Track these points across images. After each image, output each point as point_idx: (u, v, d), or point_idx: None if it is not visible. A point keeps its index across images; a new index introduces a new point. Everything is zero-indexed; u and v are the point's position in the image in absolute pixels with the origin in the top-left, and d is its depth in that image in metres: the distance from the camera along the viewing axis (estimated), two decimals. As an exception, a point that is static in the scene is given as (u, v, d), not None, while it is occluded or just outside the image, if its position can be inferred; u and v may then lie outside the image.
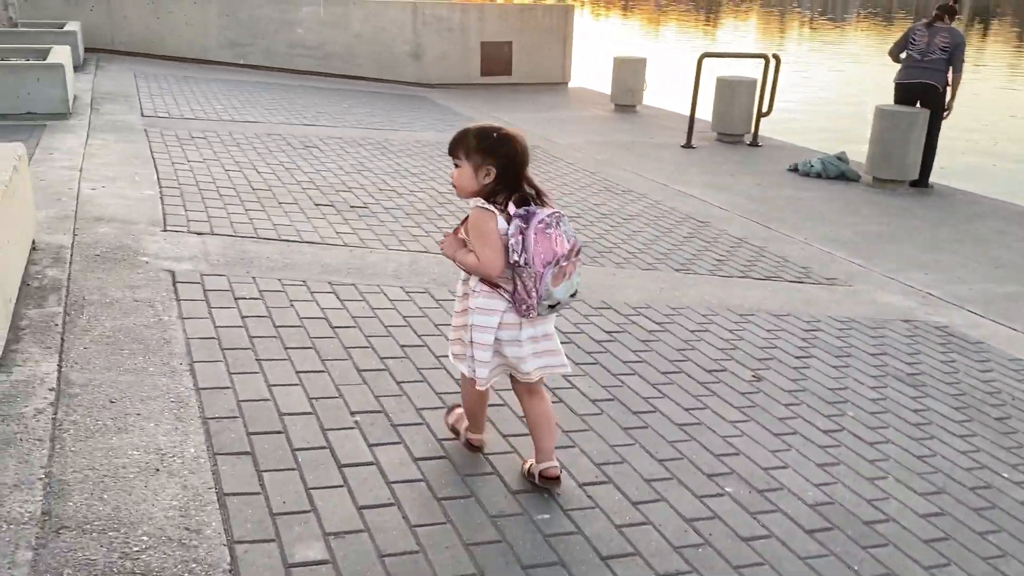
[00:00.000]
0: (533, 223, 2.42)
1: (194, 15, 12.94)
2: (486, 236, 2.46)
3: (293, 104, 10.35)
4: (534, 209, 2.47)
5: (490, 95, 13.67)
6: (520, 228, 2.42)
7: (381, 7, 14.05)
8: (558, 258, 2.44)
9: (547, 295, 2.46)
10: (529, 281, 2.44)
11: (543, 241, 2.42)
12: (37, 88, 7.26)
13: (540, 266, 2.42)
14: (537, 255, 2.41)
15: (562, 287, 2.48)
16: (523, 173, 2.52)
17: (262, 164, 6.83)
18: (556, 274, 2.45)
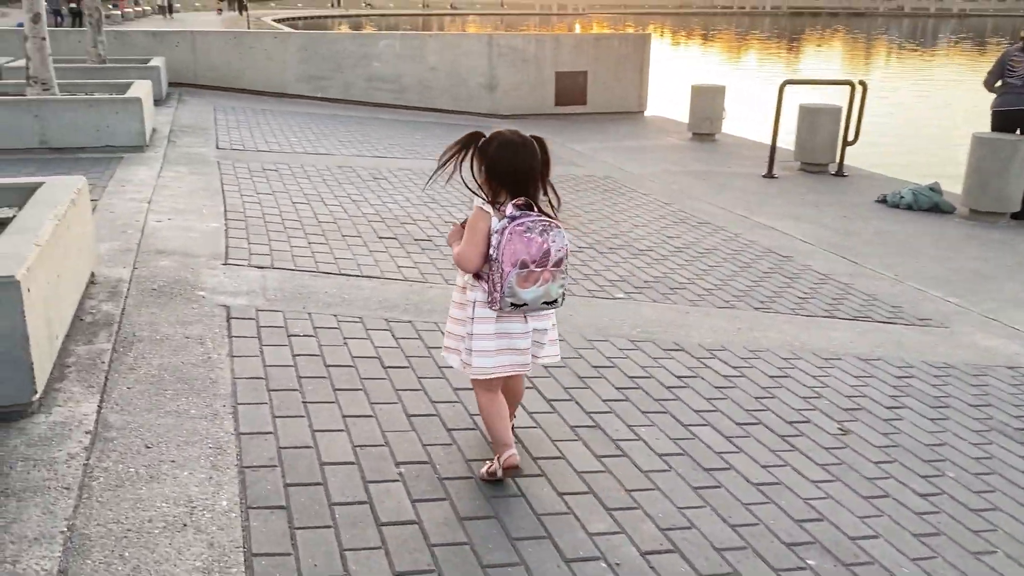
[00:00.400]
0: (512, 224, 2.56)
1: (274, 50, 13.20)
2: (472, 233, 2.64)
3: (367, 136, 10.38)
4: (525, 213, 2.59)
5: (564, 125, 13.52)
6: (503, 227, 2.57)
7: (456, 39, 14.10)
8: (528, 261, 2.56)
9: (511, 293, 2.59)
10: (496, 276, 2.58)
11: (517, 242, 2.55)
12: (116, 121, 7.41)
13: (508, 265, 2.56)
14: (506, 254, 2.56)
15: (531, 291, 2.61)
16: (525, 177, 2.63)
17: (330, 196, 6.78)
18: (524, 276, 2.58)
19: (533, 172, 2.65)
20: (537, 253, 2.58)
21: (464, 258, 2.66)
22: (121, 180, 6.44)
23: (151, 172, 6.79)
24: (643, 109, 14.98)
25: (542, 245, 2.59)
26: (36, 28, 7.64)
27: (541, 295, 2.64)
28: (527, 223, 2.58)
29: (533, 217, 2.60)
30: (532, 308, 2.65)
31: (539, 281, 2.61)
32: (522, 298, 2.61)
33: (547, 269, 2.61)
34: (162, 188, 6.29)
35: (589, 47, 14.49)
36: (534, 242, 2.57)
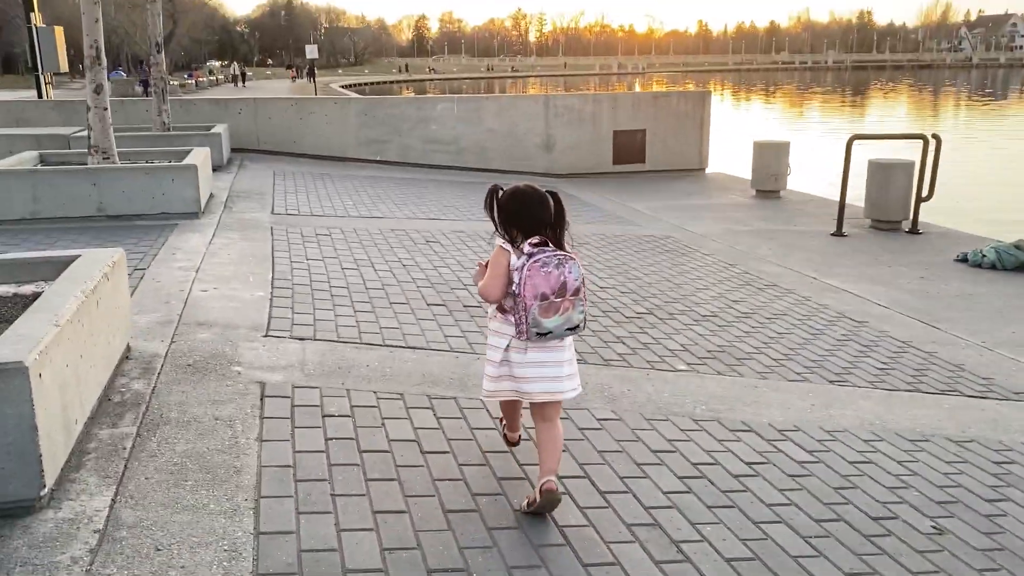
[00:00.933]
0: (530, 261, 2.79)
1: (334, 115, 13.36)
2: (493, 268, 2.92)
3: (422, 198, 10.31)
4: (541, 250, 2.81)
5: (622, 183, 13.30)
6: (523, 264, 2.80)
7: (513, 101, 14.11)
8: (548, 293, 2.78)
9: (535, 323, 2.82)
10: (520, 309, 2.82)
11: (536, 277, 2.78)
12: (171, 189, 7.43)
13: (529, 298, 2.79)
14: (528, 289, 2.79)
15: (554, 320, 2.82)
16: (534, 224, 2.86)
17: (380, 261, 6.62)
18: (546, 307, 2.80)
19: (543, 221, 2.88)
20: (555, 285, 2.80)
21: (484, 290, 2.95)
22: (172, 248, 6.39)
23: (203, 239, 6.74)
24: (704, 166, 14.69)
25: (559, 278, 2.81)
26: (98, 99, 7.77)
27: (563, 323, 2.85)
28: (543, 259, 2.80)
29: (548, 252, 2.82)
30: (557, 335, 2.87)
31: (560, 310, 2.83)
32: (546, 327, 2.83)
33: (566, 299, 2.83)
34: (212, 255, 6.22)
35: (647, 105, 14.33)
36: (552, 276, 2.80)
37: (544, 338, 2.86)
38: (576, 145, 14.00)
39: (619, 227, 9.50)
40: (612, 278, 6.82)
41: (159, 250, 6.27)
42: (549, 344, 2.90)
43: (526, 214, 2.88)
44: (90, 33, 7.67)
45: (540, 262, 2.79)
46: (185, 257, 6.09)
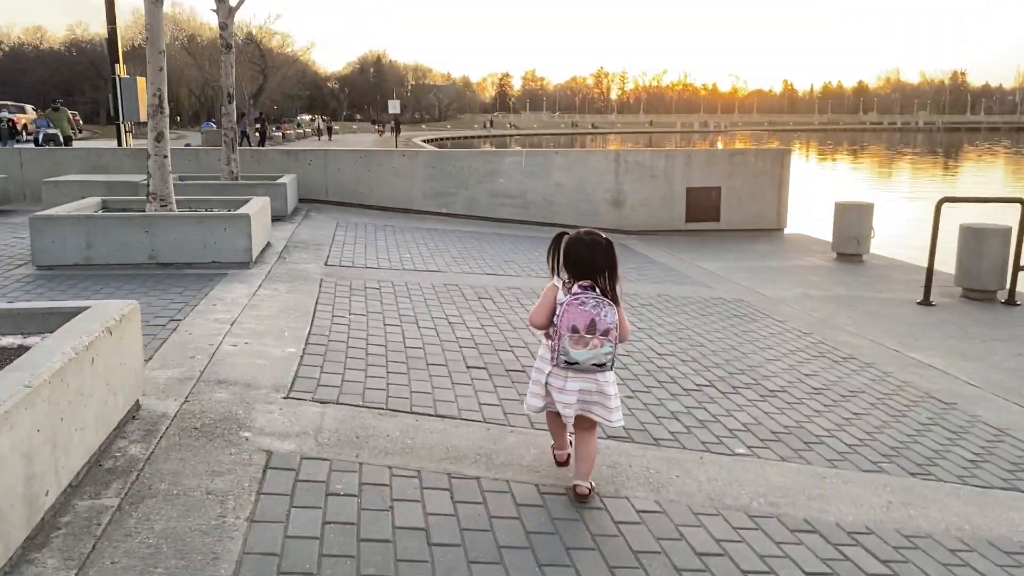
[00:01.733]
0: (571, 298, 3.22)
1: (402, 167, 13.31)
2: (542, 299, 3.37)
3: (483, 253, 10.04)
4: (586, 292, 3.23)
5: (694, 242, 12.81)
6: (566, 300, 3.23)
7: (583, 156, 13.84)
8: (579, 327, 3.19)
9: (564, 352, 3.24)
10: (556, 338, 3.25)
11: (572, 312, 3.20)
12: (223, 238, 7.33)
13: (564, 329, 3.22)
14: (564, 320, 3.21)
15: (581, 352, 3.22)
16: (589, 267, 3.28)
17: (426, 318, 6.32)
18: (576, 339, 3.21)
19: (595, 263, 3.29)
20: (585, 321, 3.20)
21: (533, 315, 3.42)
22: (215, 298, 6.22)
23: (248, 289, 6.57)
24: (782, 227, 14.08)
25: (590, 316, 3.20)
26: (158, 147, 7.78)
27: (591, 357, 3.24)
28: (583, 298, 3.22)
29: (591, 295, 3.23)
30: (583, 368, 3.26)
31: (589, 345, 3.22)
32: (574, 357, 3.25)
33: (596, 336, 3.22)
34: (253, 307, 6.02)
35: (723, 162, 13.87)
36: (586, 314, 3.21)
37: (572, 367, 3.28)
38: (647, 201, 13.61)
39: (687, 288, 9.02)
40: (673, 344, 6.36)
41: (200, 300, 6.10)
42: (584, 377, 3.31)
43: (581, 258, 3.30)
44: (154, 82, 7.71)
45: (580, 300, 3.22)
46: (224, 308, 5.90)
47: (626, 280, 9.14)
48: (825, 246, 12.32)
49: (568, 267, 3.31)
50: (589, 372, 3.28)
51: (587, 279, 3.27)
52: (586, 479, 3.40)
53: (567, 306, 3.22)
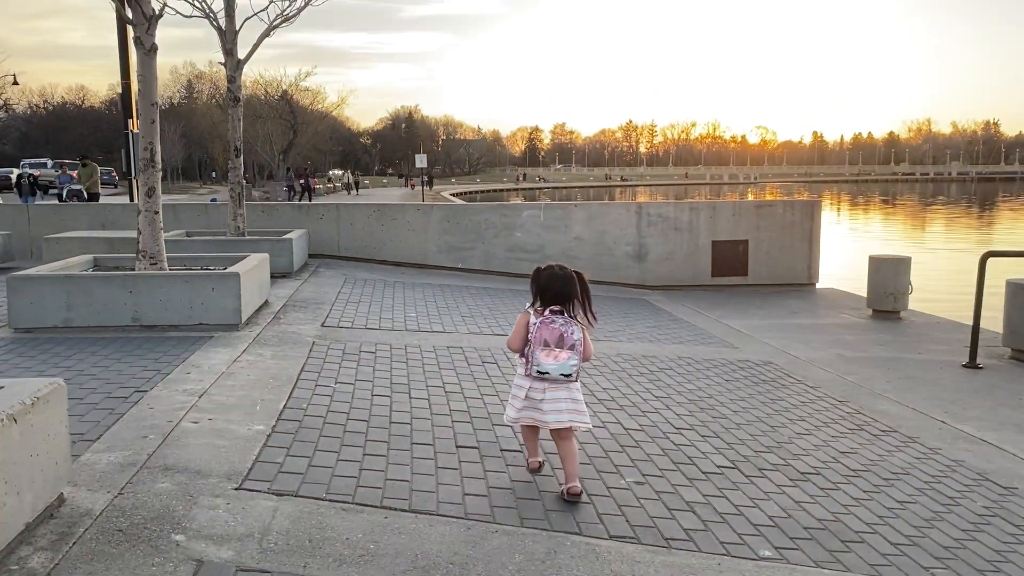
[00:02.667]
0: (542, 318, 3.94)
1: (416, 221, 12.91)
2: (517, 326, 4.05)
3: (494, 310, 9.52)
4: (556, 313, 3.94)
5: (720, 297, 12.19)
6: (538, 321, 3.94)
7: (603, 209, 13.35)
8: (549, 342, 3.90)
9: (537, 363, 3.93)
10: (529, 352, 3.95)
11: (543, 329, 3.92)
12: (211, 298, 6.88)
13: (536, 344, 3.92)
14: (537, 337, 3.93)
15: (551, 365, 3.91)
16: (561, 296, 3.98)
17: (420, 386, 5.77)
18: (546, 352, 3.91)
19: (570, 295, 3.97)
20: (555, 336, 3.86)
21: (510, 341, 4.01)
22: (191, 365, 5.74)
23: (230, 355, 6.08)
24: (813, 281, 13.42)
25: (559, 331, 3.87)
26: (149, 202, 7.41)
27: (559, 367, 3.87)
28: (553, 318, 3.90)
29: (560, 317, 3.92)
30: (554, 378, 3.90)
31: (558, 358, 3.86)
32: (544, 368, 3.88)
33: (564, 350, 3.87)
34: (229, 376, 5.51)
35: (750, 215, 13.30)
36: (555, 330, 3.86)
37: (544, 378, 3.91)
38: (670, 255, 13.05)
39: (711, 349, 8.40)
40: (692, 416, 5.74)
41: (175, 368, 5.61)
42: (557, 387, 3.92)
43: (557, 289, 3.97)
44: (146, 135, 7.37)
45: (550, 320, 3.89)
46: (198, 378, 5.40)
47: (644, 340, 8.56)
48: (859, 302, 11.65)
49: (546, 297, 4.00)
50: (559, 382, 3.94)
51: (558, 305, 3.97)
52: (575, 478, 3.95)
53: (540, 325, 3.92)
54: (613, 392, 6.17)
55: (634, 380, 6.63)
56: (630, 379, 6.65)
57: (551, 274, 4.04)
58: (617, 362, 7.25)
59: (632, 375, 6.81)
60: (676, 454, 4.87)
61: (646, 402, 6.00)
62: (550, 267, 4.09)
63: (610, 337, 8.51)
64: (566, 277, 4.03)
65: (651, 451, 4.88)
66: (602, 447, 4.84)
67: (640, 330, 9.15)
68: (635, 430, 5.25)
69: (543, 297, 3.99)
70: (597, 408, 5.67)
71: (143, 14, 7.29)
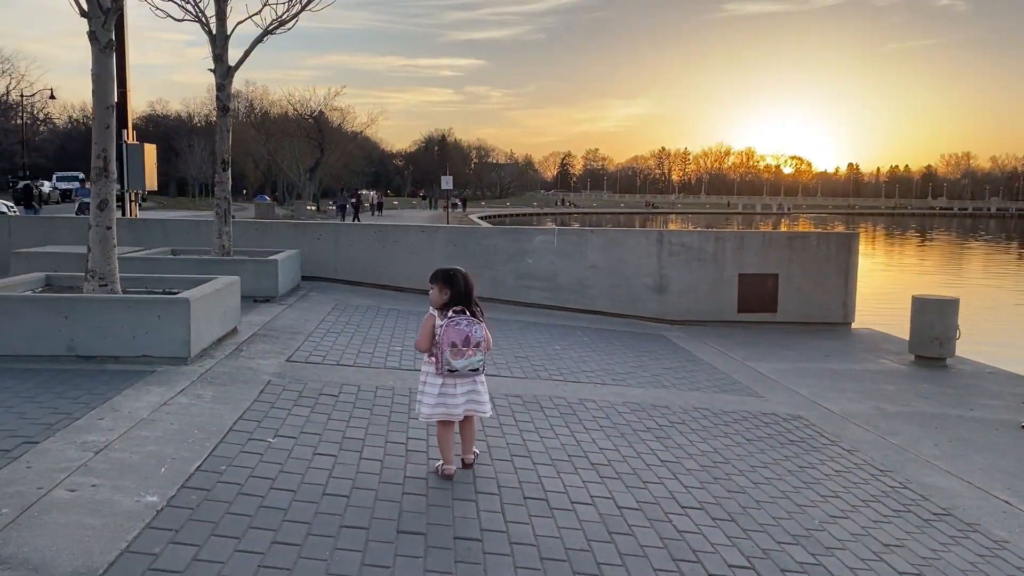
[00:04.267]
0: (448, 320, 4.28)
1: (420, 244, 12.05)
2: (422, 328, 4.40)
3: (494, 345, 8.57)
4: (460, 315, 4.30)
5: (746, 336, 11.16)
6: (444, 323, 4.29)
7: (621, 236, 12.40)
8: (457, 343, 4.25)
9: (447, 363, 4.27)
10: (439, 352, 4.29)
11: (450, 331, 4.26)
12: (156, 327, 6.03)
13: (445, 345, 4.26)
14: (445, 338, 4.26)
15: (460, 362, 4.28)
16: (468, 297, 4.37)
17: (378, 443, 4.84)
18: (455, 352, 4.26)
19: (470, 290, 4.42)
20: (461, 337, 4.27)
21: (419, 343, 4.42)
22: (110, 409, 4.87)
23: (162, 396, 5.20)
24: (849, 320, 12.33)
25: (465, 333, 4.28)
26: (101, 216, 6.60)
27: (467, 364, 4.31)
28: (458, 319, 4.30)
29: (464, 317, 4.32)
30: (462, 374, 4.33)
31: (464, 356, 4.29)
32: (454, 366, 4.28)
33: (470, 348, 4.29)
34: (148, 424, 4.63)
35: (781, 247, 12.27)
36: (461, 331, 4.28)
37: (454, 374, 4.31)
38: (693, 288, 12.05)
39: (732, 398, 7.39)
40: (703, 489, 4.75)
41: (89, 412, 4.74)
42: (466, 381, 4.37)
43: (462, 292, 4.38)
44: (99, 141, 6.58)
45: (455, 322, 4.29)
46: (109, 426, 4.52)
47: (658, 384, 7.57)
48: (900, 345, 10.56)
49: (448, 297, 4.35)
50: (467, 377, 4.33)
51: (460, 305, 4.33)
52: (470, 452, 4.53)
53: (446, 327, 4.25)
54: (611, 454, 5.20)
55: (639, 438, 5.65)
56: (634, 436, 5.67)
57: (446, 276, 4.39)
58: (622, 413, 6.27)
59: (638, 431, 5.83)
60: (677, 546, 3.88)
61: (649, 468, 5.02)
62: (446, 270, 4.43)
63: (619, 381, 7.53)
64: (463, 278, 4.39)
65: (647, 541, 3.90)
66: (585, 534, 3.88)
67: (654, 372, 8.16)
68: (630, 509, 4.28)
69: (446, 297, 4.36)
70: (588, 476, 4.71)
71: (99, 6, 6.54)
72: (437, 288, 4.37)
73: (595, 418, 6.03)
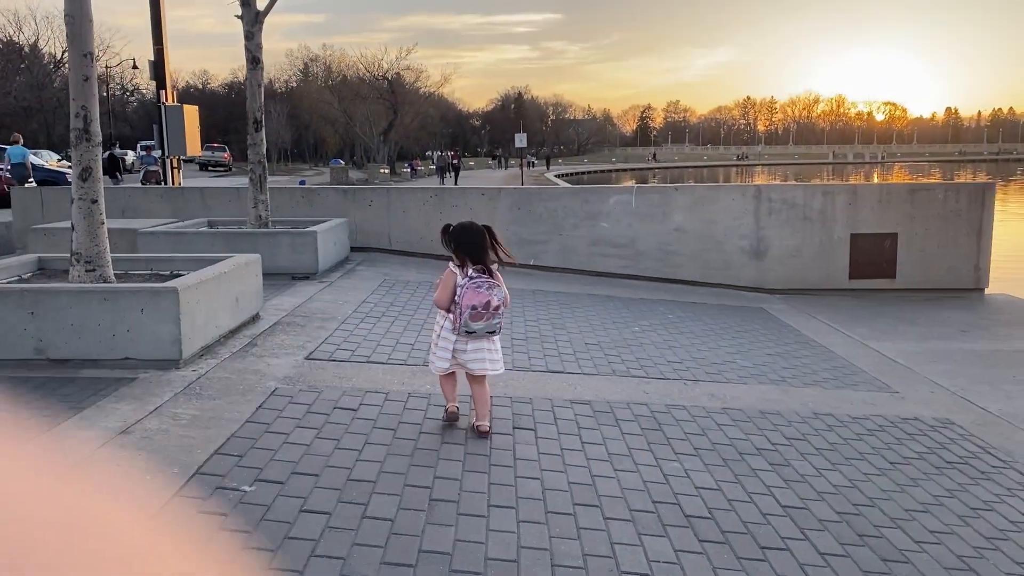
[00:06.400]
0: (469, 282, 4.19)
1: (481, 208, 10.73)
2: (443, 284, 4.31)
3: (560, 326, 7.25)
4: (480, 275, 4.21)
5: (861, 307, 9.54)
6: (464, 284, 4.20)
7: (711, 192, 10.82)
8: (477, 306, 4.16)
9: (466, 325, 4.19)
10: (458, 313, 4.20)
11: (470, 294, 4.17)
12: (139, 323, 4.91)
13: (465, 307, 4.18)
14: (465, 300, 4.17)
15: (478, 324, 4.19)
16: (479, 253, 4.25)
17: (392, 487, 3.59)
18: (474, 315, 4.18)
19: (484, 246, 4.27)
20: (482, 301, 4.18)
21: (436, 300, 4.34)
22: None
23: (125, 419, 4.06)
24: (982, 286, 10.53)
25: (486, 297, 4.19)
26: (84, 187, 5.51)
27: (485, 327, 4.23)
28: (479, 281, 4.21)
29: (484, 279, 4.22)
30: (479, 335, 4.25)
31: (483, 319, 4.20)
32: (473, 328, 4.21)
33: (489, 311, 4.20)
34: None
35: (900, 201, 10.50)
36: (482, 295, 4.18)
37: (471, 335, 4.23)
38: (797, 251, 10.43)
39: (860, 395, 5.90)
40: (846, 558, 3.34)
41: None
42: (481, 339, 4.27)
43: (473, 242, 4.27)
44: (77, 96, 5.45)
45: (476, 283, 4.20)
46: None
47: (763, 379, 6.12)
48: (1055, 318, 8.79)
49: (462, 251, 4.27)
50: (483, 337, 4.29)
51: (478, 262, 4.26)
52: (486, 419, 4.35)
53: (466, 289, 4.20)
54: (712, 497, 3.82)
55: (747, 467, 4.25)
56: (741, 465, 4.27)
57: (463, 230, 4.30)
58: (723, 426, 4.87)
59: (745, 454, 4.43)
60: None
61: (767, 522, 3.63)
62: (461, 224, 4.35)
63: (715, 375, 6.11)
64: (476, 231, 4.29)
65: None
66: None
67: (758, 360, 6.70)
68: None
69: (459, 252, 4.27)
70: (681, 539, 3.36)
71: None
72: (444, 244, 4.36)
73: (687, 435, 4.65)
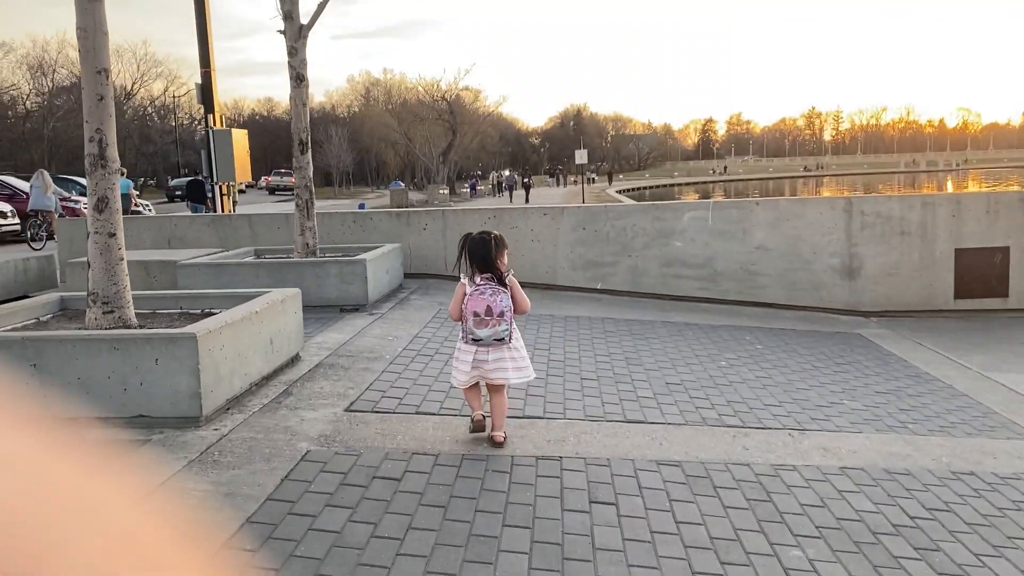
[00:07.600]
0: (473, 289, 4.23)
1: (542, 229, 9.98)
2: (455, 297, 4.35)
3: (635, 363, 6.41)
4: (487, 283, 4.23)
5: (971, 330, 8.48)
6: (470, 292, 4.24)
7: (796, 206, 9.86)
8: (480, 312, 4.18)
9: (471, 332, 4.22)
10: (464, 321, 4.25)
11: (473, 301, 4.21)
12: (152, 375, 4.26)
13: (470, 314, 4.21)
14: (468, 308, 4.22)
15: (484, 331, 4.20)
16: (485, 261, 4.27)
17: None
18: (477, 322, 4.20)
19: (488, 255, 4.28)
20: (483, 307, 4.19)
21: (450, 311, 4.42)
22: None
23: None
24: (1111, 304, 9.33)
25: (487, 303, 4.19)
26: (100, 219, 4.93)
27: (491, 334, 4.21)
28: (483, 288, 4.23)
29: (489, 286, 4.24)
30: (487, 343, 4.21)
31: (488, 325, 4.19)
32: (478, 335, 4.22)
33: (493, 318, 4.19)
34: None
35: (1012, 210, 9.40)
36: (483, 301, 4.20)
37: (478, 343, 4.22)
38: (894, 269, 9.40)
39: (999, 445, 4.93)
40: None
41: None
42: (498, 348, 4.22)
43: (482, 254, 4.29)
44: (91, 119, 4.89)
45: (480, 291, 4.23)
46: None
47: (877, 425, 5.17)
48: None
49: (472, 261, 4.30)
50: (494, 346, 4.22)
51: (487, 272, 4.27)
52: (502, 429, 4.29)
53: (470, 297, 4.24)
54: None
55: (883, 556, 3.36)
56: (875, 553, 3.38)
57: (474, 241, 4.33)
58: (845, 494, 3.97)
59: (880, 534, 3.53)
60: None
61: None
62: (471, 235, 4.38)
63: (822, 422, 5.19)
64: (485, 242, 4.31)
65: None
66: None
67: (868, 400, 5.76)
68: None
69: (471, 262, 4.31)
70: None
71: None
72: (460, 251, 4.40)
73: (804, 508, 3.77)
